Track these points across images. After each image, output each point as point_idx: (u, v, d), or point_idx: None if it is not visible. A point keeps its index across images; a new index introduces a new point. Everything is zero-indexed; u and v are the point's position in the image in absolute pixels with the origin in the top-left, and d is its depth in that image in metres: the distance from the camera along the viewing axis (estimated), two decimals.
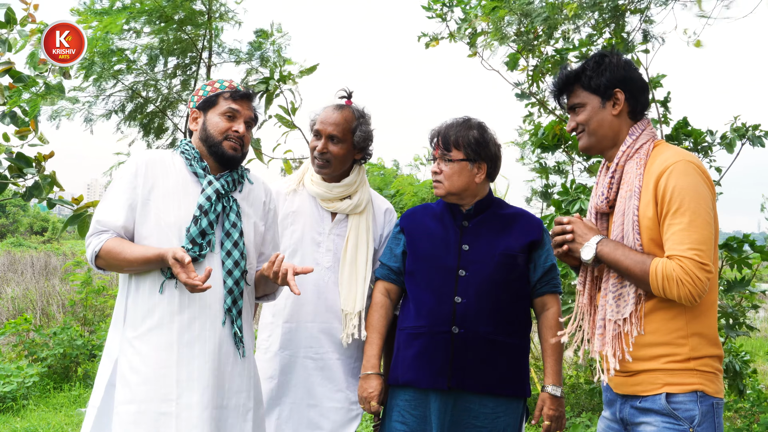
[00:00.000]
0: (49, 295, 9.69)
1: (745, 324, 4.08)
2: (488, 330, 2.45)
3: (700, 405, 1.94)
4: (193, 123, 2.43)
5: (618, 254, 2.00)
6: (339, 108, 2.71)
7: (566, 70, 2.19)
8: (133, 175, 2.32)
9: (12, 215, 31.22)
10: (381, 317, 2.62)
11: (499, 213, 2.60)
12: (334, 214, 2.73)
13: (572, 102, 2.17)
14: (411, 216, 2.69)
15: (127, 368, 2.22)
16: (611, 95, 2.11)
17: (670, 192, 1.94)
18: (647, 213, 1.98)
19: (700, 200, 1.93)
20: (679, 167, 1.96)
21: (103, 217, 2.29)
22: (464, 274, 2.48)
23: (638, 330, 1.99)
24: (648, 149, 2.07)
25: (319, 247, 2.70)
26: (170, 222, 2.28)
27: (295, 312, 2.66)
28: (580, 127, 2.16)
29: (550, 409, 2.47)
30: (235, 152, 2.36)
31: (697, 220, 1.91)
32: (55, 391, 6.02)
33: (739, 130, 4.14)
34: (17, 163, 3.66)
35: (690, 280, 1.88)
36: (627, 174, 2.07)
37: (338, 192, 2.71)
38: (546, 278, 2.55)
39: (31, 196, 3.76)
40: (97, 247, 2.24)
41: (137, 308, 2.26)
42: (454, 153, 2.52)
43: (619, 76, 2.11)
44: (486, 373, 2.44)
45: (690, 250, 1.89)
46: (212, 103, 2.39)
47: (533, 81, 4.72)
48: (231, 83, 2.42)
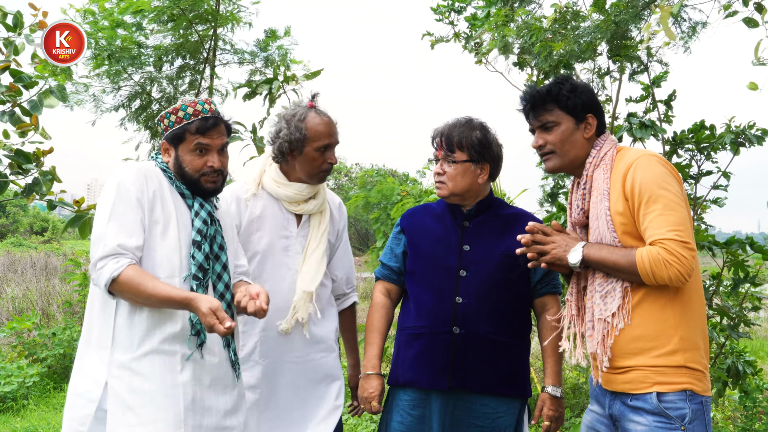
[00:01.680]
0: (49, 295, 9.70)
1: (744, 322, 4.08)
2: (489, 330, 2.45)
3: (690, 404, 1.98)
4: (165, 155, 2.31)
5: (603, 253, 2.06)
6: (322, 114, 2.66)
7: (538, 87, 2.24)
8: (138, 191, 2.19)
9: (12, 215, 31.23)
10: (381, 317, 2.61)
11: (499, 213, 2.60)
12: (299, 217, 2.68)
13: (545, 119, 2.21)
14: (411, 216, 2.69)
15: (126, 391, 2.10)
16: (584, 118, 2.19)
17: (638, 185, 2.01)
18: (618, 209, 2.05)
19: (668, 186, 2.00)
20: (642, 161, 2.04)
21: (122, 238, 2.11)
22: (465, 274, 2.48)
23: (626, 322, 2.04)
24: (612, 155, 2.16)
25: (288, 251, 2.64)
26: (172, 246, 2.19)
27: (270, 319, 2.57)
28: (549, 146, 2.21)
29: (549, 409, 2.47)
30: (214, 185, 2.28)
31: (670, 204, 1.98)
32: (55, 391, 6.02)
33: (735, 131, 4.13)
34: (17, 160, 3.65)
35: (676, 260, 1.93)
36: (596, 181, 2.15)
37: (307, 193, 2.65)
38: (546, 279, 2.55)
39: (30, 193, 3.75)
40: (116, 273, 2.06)
41: (133, 330, 2.13)
42: (458, 154, 2.52)
43: (591, 100, 2.21)
44: (487, 374, 2.44)
45: (670, 232, 1.94)
46: (180, 138, 2.26)
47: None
48: (195, 107, 2.26)
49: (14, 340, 6.74)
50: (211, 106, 2.29)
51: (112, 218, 2.14)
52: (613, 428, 2.12)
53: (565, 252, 2.13)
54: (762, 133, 4.16)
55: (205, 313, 2.01)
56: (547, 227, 2.20)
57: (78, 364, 2.22)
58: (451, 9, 4.75)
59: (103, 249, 2.10)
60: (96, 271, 2.11)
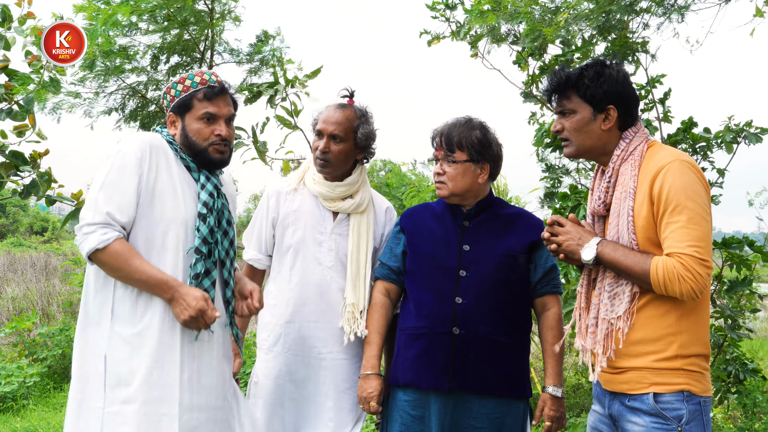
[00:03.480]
0: (49, 295, 9.69)
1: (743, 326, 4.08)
2: (489, 330, 2.45)
3: (687, 404, 1.97)
4: (171, 127, 2.30)
5: (618, 254, 2.01)
6: (341, 107, 2.71)
7: (563, 71, 2.16)
8: (138, 160, 2.15)
9: (12, 215, 31.21)
10: (381, 317, 2.61)
11: (499, 213, 2.60)
12: (336, 214, 2.73)
13: (564, 106, 2.15)
14: (411, 215, 2.68)
15: (124, 367, 2.11)
16: (604, 109, 2.10)
17: (666, 191, 1.96)
18: (642, 212, 2.00)
19: (696, 198, 1.95)
20: (675, 167, 1.97)
21: (113, 208, 2.10)
22: (465, 274, 2.48)
23: (629, 326, 2.02)
24: (642, 150, 2.08)
25: (321, 247, 2.69)
26: (176, 218, 2.18)
27: (297, 312, 2.65)
28: (565, 133, 2.16)
29: (551, 409, 2.47)
30: (222, 155, 2.28)
31: (695, 217, 1.93)
32: (55, 391, 6.02)
33: (734, 130, 4.13)
34: (12, 160, 3.64)
35: (691, 276, 1.90)
36: (622, 176, 2.08)
37: (341, 191, 2.70)
38: (546, 278, 2.55)
39: (29, 194, 3.75)
40: (102, 244, 2.07)
41: (132, 303, 2.13)
42: (458, 154, 2.52)
43: (616, 91, 2.10)
44: (487, 374, 2.44)
45: (690, 247, 1.91)
46: (187, 107, 2.25)
47: (533, 82, 4.74)
48: (202, 77, 2.28)
49: (14, 340, 6.74)
50: (218, 78, 2.31)
51: (105, 186, 2.13)
52: (614, 428, 2.12)
53: (578, 246, 2.09)
54: (761, 131, 4.16)
55: (191, 307, 2.04)
56: (563, 218, 2.15)
57: (79, 342, 2.18)
58: (446, 5, 4.73)
59: (93, 215, 2.11)
60: (82, 235, 2.11)
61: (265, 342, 2.70)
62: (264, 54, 5.05)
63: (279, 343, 2.66)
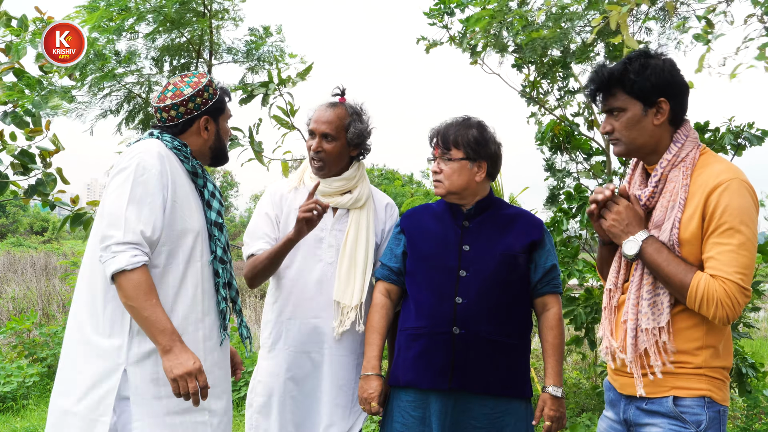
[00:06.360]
0: (49, 295, 9.70)
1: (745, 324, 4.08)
2: (489, 330, 2.44)
3: (707, 410, 1.93)
4: (203, 132, 2.28)
5: (662, 258, 1.92)
6: (332, 106, 2.72)
7: (605, 68, 2.02)
8: (159, 173, 2.11)
9: (12, 215, 31.22)
10: (381, 318, 2.61)
11: (499, 213, 2.59)
12: (335, 210, 2.73)
13: (611, 105, 2.01)
14: (411, 216, 2.68)
15: (151, 381, 2.09)
16: (655, 103, 1.96)
17: (721, 210, 1.87)
18: (690, 227, 1.92)
19: (751, 224, 1.88)
20: (734, 186, 1.88)
21: (144, 226, 2.05)
22: (465, 274, 2.48)
23: (671, 340, 1.94)
24: (694, 158, 1.97)
25: (321, 243, 2.69)
26: (193, 228, 2.18)
27: (298, 308, 2.66)
28: (616, 133, 2.02)
29: (550, 409, 2.47)
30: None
31: (747, 243, 1.86)
32: None
33: (735, 131, 4.13)
34: (22, 159, 3.65)
35: (730, 304, 1.85)
36: (671, 183, 1.97)
37: (338, 186, 2.70)
38: (547, 278, 2.55)
39: (33, 194, 3.75)
40: (130, 266, 2.01)
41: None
42: (454, 152, 2.52)
43: (665, 81, 1.96)
44: (487, 374, 2.44)
45: (736, 274, 1.85)
46: (221, 109, 2.30)
47: (533, 86, 4.76)
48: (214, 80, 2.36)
49: (14, 340, 6.74)
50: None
51: (132, 201, 2.06)
52: None
53: (623, 233, 1.97)
54: (762, 133, 4.16)
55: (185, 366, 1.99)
56: (621, 198, 2.00)
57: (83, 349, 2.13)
58: (444, 12, 4.74)
59: (123, 234, 2.03)
60: (110, 253, 2.02)
61: (267, 341, 2.71)
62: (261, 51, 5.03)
63: (280, 341, 2.67)
